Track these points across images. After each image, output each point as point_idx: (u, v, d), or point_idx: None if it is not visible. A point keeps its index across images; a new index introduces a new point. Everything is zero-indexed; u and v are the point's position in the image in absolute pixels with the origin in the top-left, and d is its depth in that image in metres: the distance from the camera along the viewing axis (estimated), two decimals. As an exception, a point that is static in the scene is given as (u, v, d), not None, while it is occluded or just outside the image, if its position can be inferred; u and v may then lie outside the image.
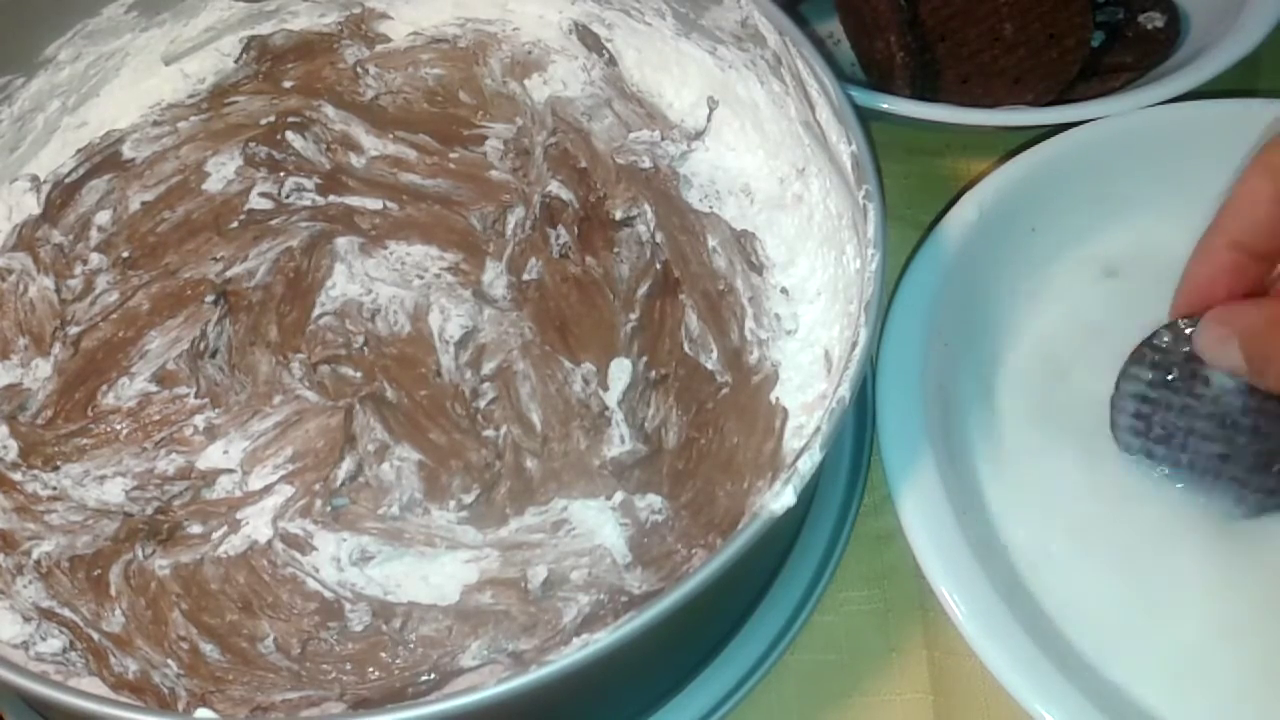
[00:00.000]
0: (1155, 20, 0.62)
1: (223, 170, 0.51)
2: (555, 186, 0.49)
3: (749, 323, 0.47)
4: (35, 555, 0.41)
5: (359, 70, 0.54)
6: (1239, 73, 0.57)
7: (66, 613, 0.40)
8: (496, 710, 0.33)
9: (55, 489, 0.43)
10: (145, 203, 0.50)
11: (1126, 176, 0.53)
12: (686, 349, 0.46)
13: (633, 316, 0.47)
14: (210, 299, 0.47)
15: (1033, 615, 0.44)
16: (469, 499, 0.42)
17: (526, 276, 0.48)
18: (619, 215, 0.49)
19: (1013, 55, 0.58)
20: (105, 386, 0.45)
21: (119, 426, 0.44)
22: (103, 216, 0.50)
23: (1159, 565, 0.45)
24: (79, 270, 0.48)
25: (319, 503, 0.42)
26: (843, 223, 0.45)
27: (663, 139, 0.51)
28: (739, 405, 0.45)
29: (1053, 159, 0.53)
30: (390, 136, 0.52)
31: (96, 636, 0.40)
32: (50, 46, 0.51)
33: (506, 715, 0.35)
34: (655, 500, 0.42)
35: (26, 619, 0.40)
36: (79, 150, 0.52)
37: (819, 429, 0.37)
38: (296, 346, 0.46)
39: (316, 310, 0.47)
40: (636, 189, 0.49)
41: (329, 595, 0.41)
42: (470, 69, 0.54)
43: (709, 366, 0.46)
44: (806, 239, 0.48)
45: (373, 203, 0.50)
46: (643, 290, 0.47)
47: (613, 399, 0.44)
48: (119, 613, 0.41)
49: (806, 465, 0.37)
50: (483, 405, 0.45)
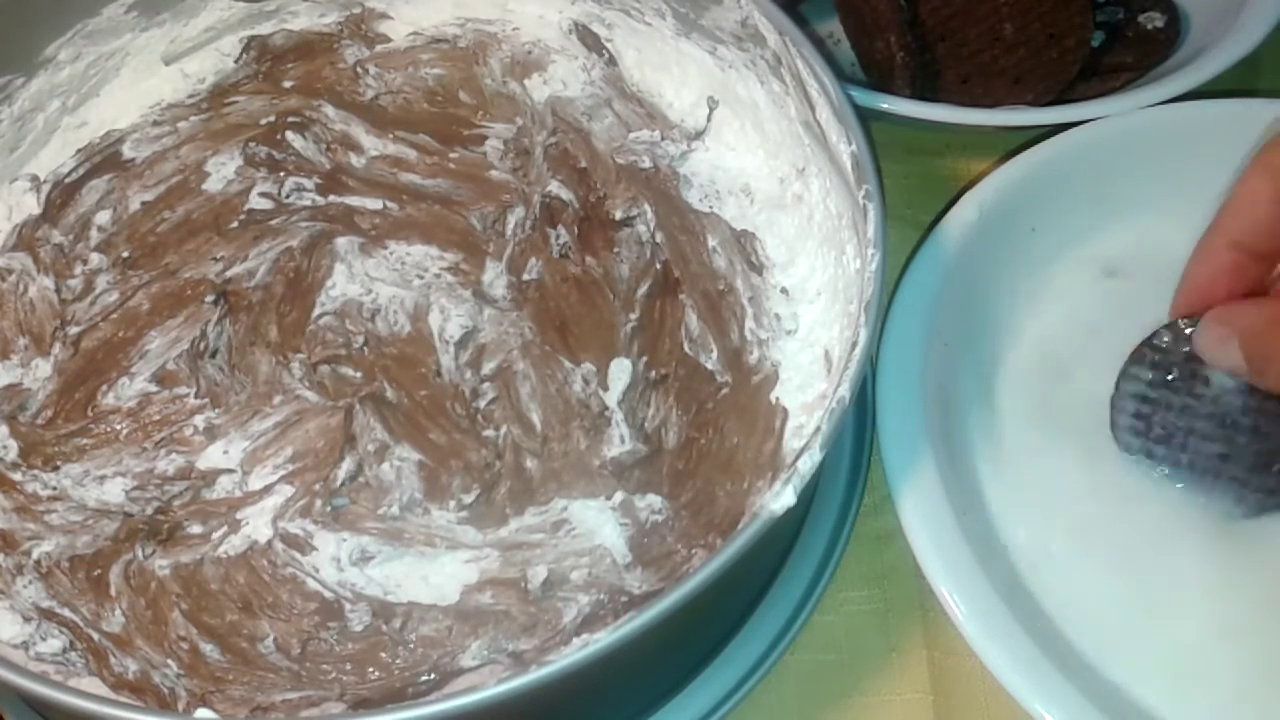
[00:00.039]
0: (1155, 20, 0.62)
1: (223, 170, 0.51)
2: (555, 186, 0.49)
3: (749, 323, 0.47)
4: (35, 555, 0.41)
5: (359, 70, 0.54)
6: (1239, 73, 0.57)
7: (66, 613, 0.40)
8: (496, 710, 0.33)
9: (55, 489, 0.43)
10: (145, 203, 0.50)
11: (1126, 176, 0.53)
12: (686, 349, 0.46)
13: (633, 316, 0.47)
14: (210, 299, 0.47)
15: (1033, 615, 0.44)
16: (469, 499, 0.42)
17: (526, 276, 0.48)
18: (619, 215, 0.49)
19: (1013, 55, 0.58)
20: (105, 386, 0.45)
21: (119, 426, 0.44)
22: (103, 216, 0.50)
23: (1159, 565, 0.45)
24: (79, 270, 0.48)
25: (319, 503, 0.42)
26: (843, 223, 0.45)
27: (663, 139, 0.51)
28: (739, 405, 0.45)
29: (1053, 159, 0.53)
30: (390, 136, 0.52)
31: (96, 636, 0.40)
32: (50, 46, 0.51)
33: (506, 715, 0.35)
34: (655, 500, 0.42)
35: (26, 619, 0.40)
36: (79, 150, 0.52)
37: (819, 429, 0.37)
38: (296, 346, 0.46)
39: (316, 310, 0.47)
40: (636, 189, 0.49)
41: (329, 595, 0.41)
42: (470, 69, 0.54)
43: (709, 366, 0.46)
44: (806, 239, 0.48)
45: (373, 203, 0.50)
46: (643, 290, 0.47)
47: (613, 399, 0.44)
48: (119, 613, 0.41)
49: (806, 465, 0.37)
50: (483, 405, 0.45)
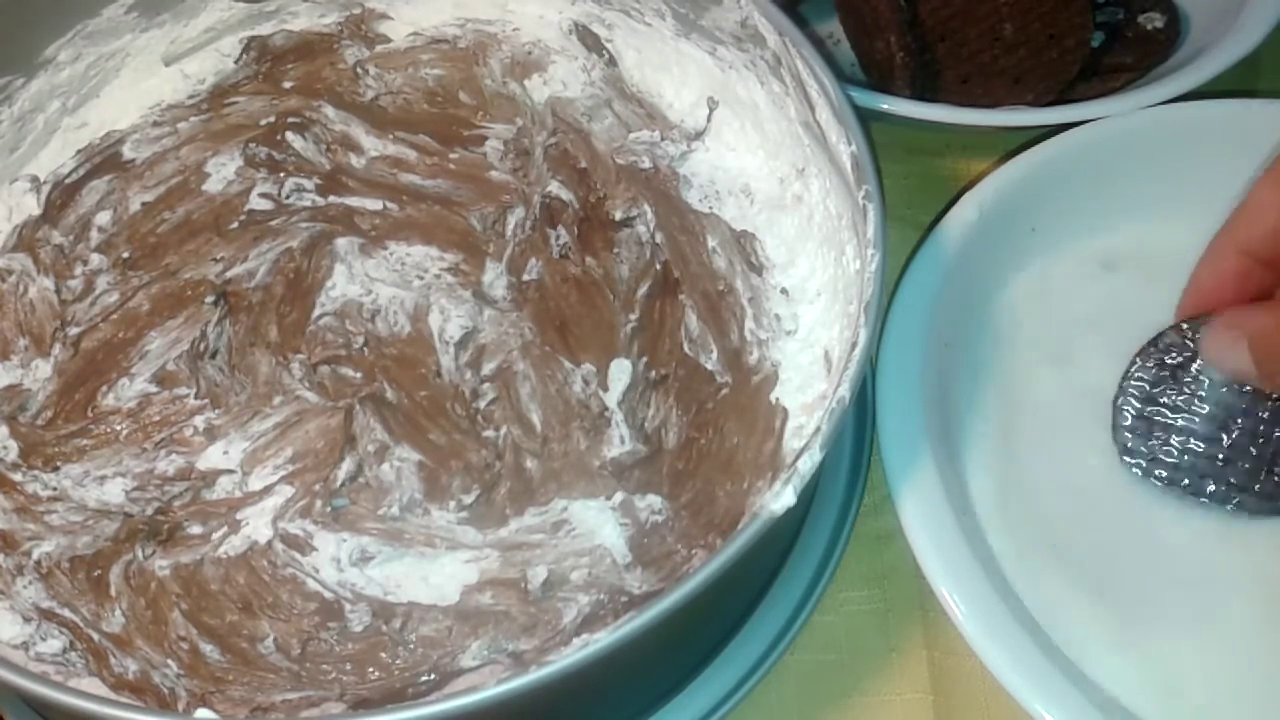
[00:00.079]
0: (1155, 20, 0.62)
1: (223, 171, 0.51)
2: (555, 187, 0.49)
3: (749, 323, 0.47)
4: (35, 556, 0.41)
5: (359, 70, 0.54)
6: (1239, 73, 0.57)
7: (66, 613, 0.40)
8: (496, 710, 0.33)
9: (55, 489, 0.43)
10: (145, 203, 0.50)
11: (1126, 177, 0.53)
12: (686, 349, 0.46)
13: (633, 317, 0.47)
14: (210, 299, 0.47)
15: (1032, 615, 0.44)
16: (469, 499, 0.42)
17: (526, 277, 0.48)
18: (619, 215, 0.49)
19: (1013, 55, 0.58)
20: (105, 387, 0.45)
21: (119, 427, 0.44)
22: (103, 217, 0.50)
23: (1159, 566, 0.45)
24: (79, 271, 0.48)
25: (319, 503, 0.42)
26: (843, 223, 0.45)
27: (663, 139, 0.51)
28: (739, 405, 0.45)
29: (1053, 159, 0.53)
30: (390, 137, 0.52)
31: (96, 637, 0.40)
32: (50, 47, 0.51)
33: (506, 715, 0.35)
34: (655, 500, 0.42)
35: (26, 619, 0.40)
36: (79, 151, 0.52)
37: (819, 429, 0.37)
38: (296, 347, 0.46)
39: (316, 311, 0.47)
40: (636, 189, 0.49)
41: (329, 595, 0.41)
42: (470, 69, 0.54)
43: (709, 367, 0.46)
44: (806, 239, 0.48)
45: (373, 203, 0.50)
46: (643, 290, 0.47)
47: (613, 399, 0.44)
48: (119, 613, 0.41)
49: (806, 465, 0.37)
50: (483, 406, 0.45)
